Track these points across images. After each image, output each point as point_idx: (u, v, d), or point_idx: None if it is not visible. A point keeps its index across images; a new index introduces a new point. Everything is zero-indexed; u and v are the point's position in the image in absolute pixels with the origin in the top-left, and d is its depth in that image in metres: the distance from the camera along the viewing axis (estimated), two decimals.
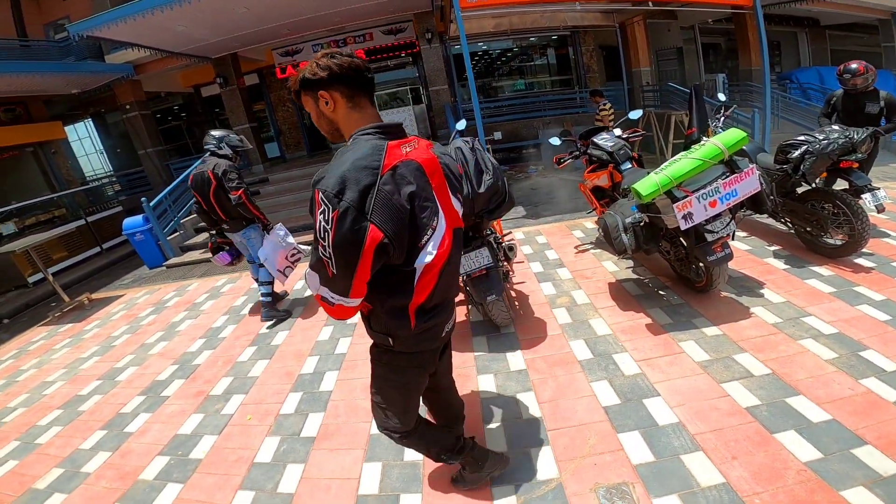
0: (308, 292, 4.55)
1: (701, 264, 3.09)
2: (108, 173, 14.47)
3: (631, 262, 3.95)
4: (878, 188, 3.33)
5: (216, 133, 3.83)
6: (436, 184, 1.34)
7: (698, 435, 2.06)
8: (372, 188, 1.16)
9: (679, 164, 2.74)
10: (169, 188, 8.09)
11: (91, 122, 14.21)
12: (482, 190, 2.69)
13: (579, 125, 10.39)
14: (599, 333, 2.99)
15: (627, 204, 3.20)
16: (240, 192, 3.58)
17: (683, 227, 2.72)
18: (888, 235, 3.87)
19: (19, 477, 2.76)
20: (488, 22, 8.88)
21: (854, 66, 4.06)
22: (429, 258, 1.30)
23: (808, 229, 3.70)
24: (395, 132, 1.33)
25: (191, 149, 13.63)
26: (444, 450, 1.81)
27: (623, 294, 3.47)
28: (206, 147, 3.80)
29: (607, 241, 3.19)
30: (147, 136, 11.51)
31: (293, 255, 3.78)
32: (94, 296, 6.36)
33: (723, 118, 4.75)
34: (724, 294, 3.22)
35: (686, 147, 3.54)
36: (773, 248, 3.91)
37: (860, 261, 3.47)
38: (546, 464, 2.03)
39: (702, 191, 2.70)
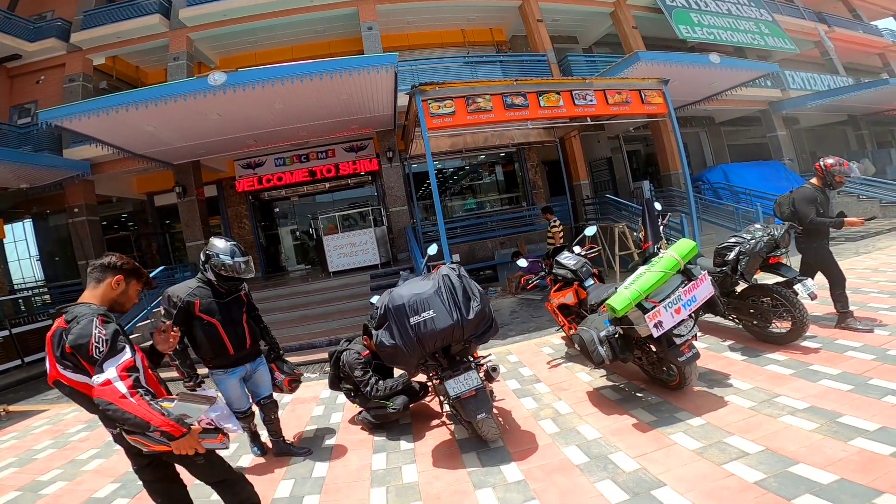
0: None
1: (672, 365, 3.30)
2: (40, 282, 13.33)
3: (604, 371, 4.08)
4: (806, 278, 3.78)
5: (211, 245, 3.03)
6: (48, 350, 1.89)
7: None
8: None
9: (645, 278, 3.08)
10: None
11: (30, 224, 13.14)
12: (471, 316, 2.89)
13: (531, 243, 10.94)
14: (590, 438, 3.00)
15: (599, 318, 3.43)
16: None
17: (656, 334, 2.97)
18: (824, 318, 4.33)
19: None
20: (445, 141, 9.69)
21: (841, 161, 4.04)
22: None
23: (755, 322, 4.07)
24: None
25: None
26: None
27: (603, 400, 3.55)
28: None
29: (584, 354, 3.37)
30: (91, 245, 10.70)
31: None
32: (11, 408, 5.77)
33: (661, 227, 5.29)
34: (696, 389, 3.39)
35: (645, 261, 3.94)
36: (727, 342, 4.24)
37: (806, 343, 3.84)
38: None
39: (667, 300, 3.02)
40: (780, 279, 3.94)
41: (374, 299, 3.71)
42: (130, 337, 6.34)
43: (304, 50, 12.30)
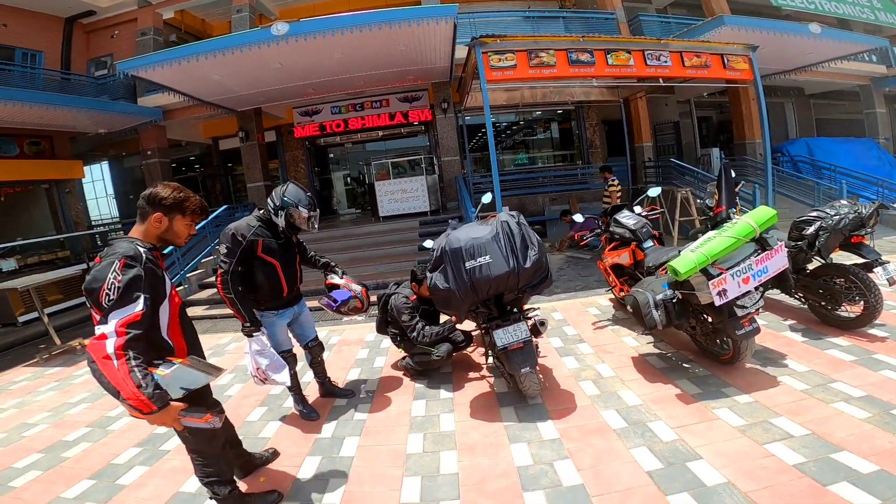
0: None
1: (727, 338, 3.15)
2: (115, 219, 14.51)
3: (651, 338, 3.99)
4: (889, 261, 3.48)
5: (289, 192, 2.91)
6: None
7: (751, 493, 2.04)
8: None
9: (714, 243, 2.89)
10: None
11: (107, 165, 14.40)
12: (528, 265, 2.83)
13: (583, 202, 10.69)
14: (630, 404, 2.98)
15: (656, 281, 3.30)
16: (218, 274, 2.74)
17: (718, 303, 2.80)
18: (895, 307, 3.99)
19: None
20: (501, 95, 9.46)
21: None
22: None
23: (823, 303, 3.80)
24: None
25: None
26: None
27: (648, 367, 3.49)
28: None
29: (636, 317, 3.25)
30: None
31: (262, 374, 2.75)
32: (87, 342, 6.21)
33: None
34: (749, 365, 3.26)
35: (715, 226, 3.70)
36: (788, 322, 4.00)
37: (873, 331, 3.57)
38: None
39: (736, 268, 2.82)
40: (858, 260, 3.63)
41: (428, 243, 3.69)
42: (192, 274, 6.63)
43: (360, 1, 12.10)
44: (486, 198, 4.45)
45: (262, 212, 2.98)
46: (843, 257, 3.81)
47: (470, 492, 2.32)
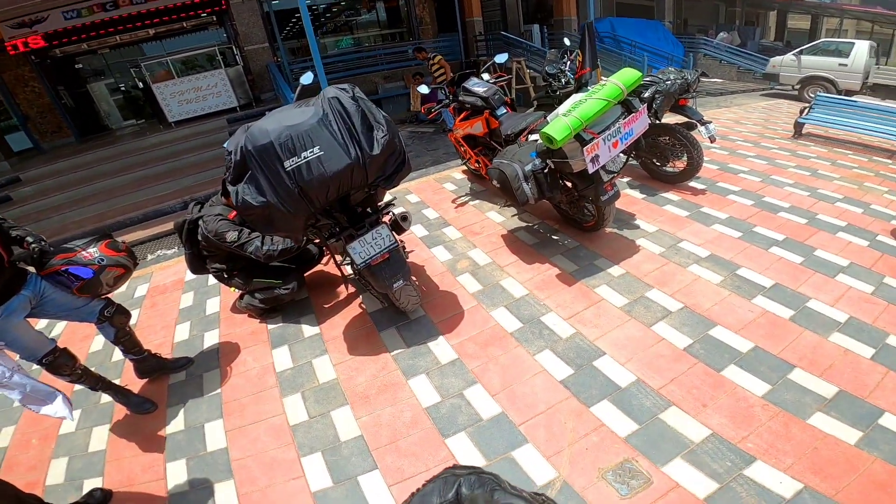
0: None
1: (591, 204, 3.12)
2: None
3: (514, 210, 3.85)
4: (710, 121, 3.77)
5: None
6: None
7: (662, 389, 2.05)
8: None
9: (587, 106, 2.60)
10: None
11: None
12: (376, 151, 2.12)
13: (418, 75, 10.20)
14: (517, 295, 2.81)
15: (520, 150, 3.01)
16: None
17: (591, 169, 2.64)
18: (705, 160, 4.44)
19: None
20: None
21: None
22: None
23: (654, 160, 4.11)
24: None
25: None
26: None
27: (520, 245, 3.36)
28: None
29: (505, 193, 2.97)
30: None
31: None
32: None
33: (568, 62, 4.89)
34: (608, 230, 3.34)
35: (578, 88, 3.51)
36: (625, 179, 4.24)
37: (693, 184, 3.98)
38: (536, 464, 1.80)
39: (607, 132, 2.65)
40: (683, 120, 3.90)
41: (228, 143, 2.70)
42: None
43: None
44: (306, 78, 3.38)
45: None
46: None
47: (385, 455, 1.94)
